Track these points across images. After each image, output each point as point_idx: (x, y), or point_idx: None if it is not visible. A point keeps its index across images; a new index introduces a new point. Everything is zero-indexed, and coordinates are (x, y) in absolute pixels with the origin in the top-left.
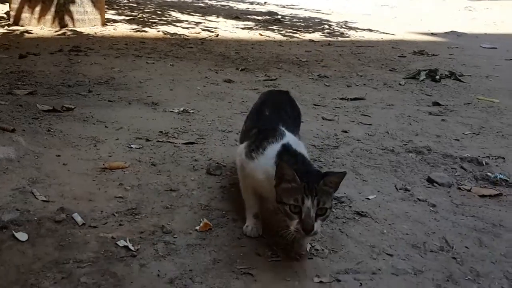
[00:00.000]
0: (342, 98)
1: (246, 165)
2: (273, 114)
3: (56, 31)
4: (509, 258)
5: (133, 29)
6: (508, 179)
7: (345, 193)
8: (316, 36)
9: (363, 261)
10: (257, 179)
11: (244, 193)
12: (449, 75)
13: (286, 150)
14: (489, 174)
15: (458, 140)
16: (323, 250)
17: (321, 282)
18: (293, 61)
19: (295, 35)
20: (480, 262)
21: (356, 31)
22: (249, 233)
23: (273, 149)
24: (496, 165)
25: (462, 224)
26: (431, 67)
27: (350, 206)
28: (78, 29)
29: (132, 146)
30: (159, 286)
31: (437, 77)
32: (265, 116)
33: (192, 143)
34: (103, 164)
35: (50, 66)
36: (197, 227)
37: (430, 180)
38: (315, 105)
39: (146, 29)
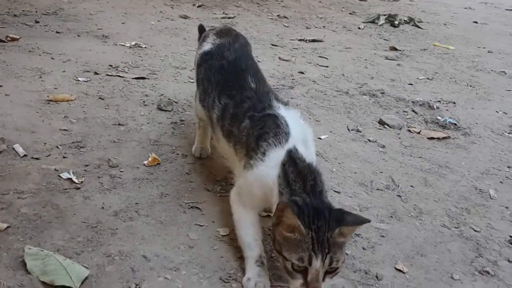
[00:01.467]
0: (300, 40)
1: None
2: (258, 82)
3: None
4: (452, 197)
5: None
6: (457, 123)
7: None
8: None
9: None
10: (256, 194)
11: (238, 230)
12: (408, 21)
13: (293, 161)
14: (439, 117)
15: (411, 84)
16: None
17: (268, 215)
18: (253, 0)
19: None
20: (424, 200)
21: None
22: None
23: (276, 155)
24: (447, 110)
25: (409, 165)
26: (391, 12)
27: None
28: None
29: (79, 79)
30: (103, 218)
31: (396, 22)
32: (250, 89)
33: (143, 78)
34: (48, 96)
35: None
36: (145, 162)
37: (381, 122)
38: (272, 45)
39: None
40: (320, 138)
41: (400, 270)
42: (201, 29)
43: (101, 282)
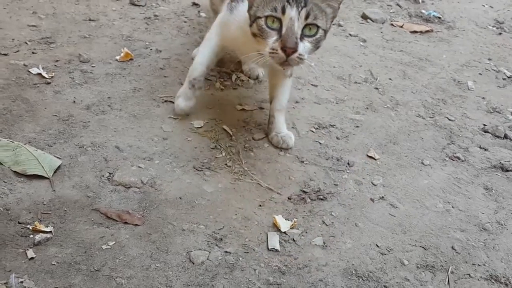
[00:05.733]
0: None
1: (224, 19)
2: None
3: None
4: (430, 89)
5: None
6: (441, 17)
7: None
8: None
9: None
10: (232, 32)
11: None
12: None
13: None
14: (423, 11)
15: None
16: (248, 81)
17: (243, 110)
18: None
19: None
20: (401, 92)
21: None
22: (176, 108)
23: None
24: (432, 3)
25: (390, 58)
26: None
27: None
28: None
29: None
30: (74, 112)
31: None
32: None
33: None
34: None
35: None
36: (117, 57)
37: (364, 16)
38: None
39: None
40: None
41: (371, 157)
42: None
43: (74, 171)
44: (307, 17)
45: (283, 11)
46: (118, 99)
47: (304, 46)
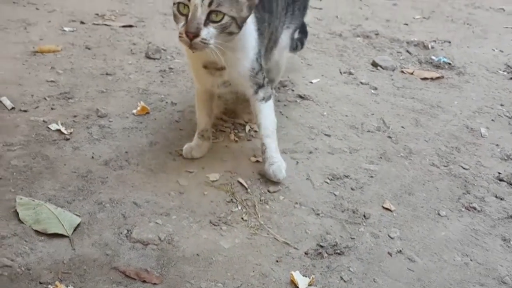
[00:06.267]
0: None
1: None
2: None
3: None
4: (443, 136)
5: None
6: (451, 63)
7: (288, 77)
8: None
9: (301, 141)
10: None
11: None
12: None
13: None
14: (433, 57)
15: (407, 24)
16: None
17: (257, 161)
18: None
19: None
20: (414, 140)
21: None
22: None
23: None
24: (442, 49)
25: (401, 106)
26: None
27: (293, 90)
28: None
29: (65, 29)
30: (93, 168)
31: None
32: None
33: (130, 26)
34: (34, 48)
35: None
36: (134, 111)
37: (374, 64)
38: None
39: None
40: (311, 82)
41: (387, 209)
42: None
43: (93, 229)
44: (210, 4)
45: None
46: (135, 154)
47: (208, 31)
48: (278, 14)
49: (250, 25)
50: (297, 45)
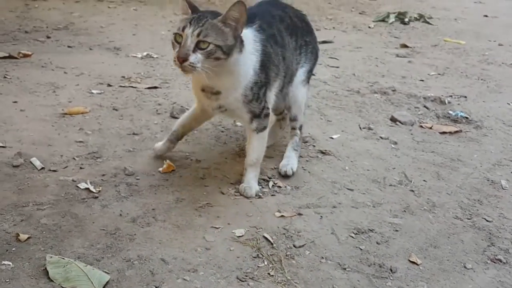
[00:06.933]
0: None
1: None
2: None
3: None
4: (464, 189)
5: None
6: (468, 117)
7: (309, 133)
8: None
9: (324, 196)
10: None
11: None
12: (418, 17)
13: None
14: (451, 112)
15: (423, 80)
16: (285, 187)
17: (282, 216)
18: None
19: None
20: (437, 194)
21: None
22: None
23: None
24: (458, 104)
25: (422, 160)
26: (401, 10)
27: (314, 146)
28: None
29: (93, 91)
30: (121, 225)
31: (406, 19)
32: None
33: (155, 87)
34: (63, 110)
35: (5, 12)
36: (160, 169)
37: (393, 119)
38: None
39: None
40: (332, 138)
41: (414, 262)
42: None
43: (122, 286)
44: (198, 34)
45: (183, 30)
46: (162, 210)
47: (195, 57)
48: (291, 51)
49: (249, 54)
50: None
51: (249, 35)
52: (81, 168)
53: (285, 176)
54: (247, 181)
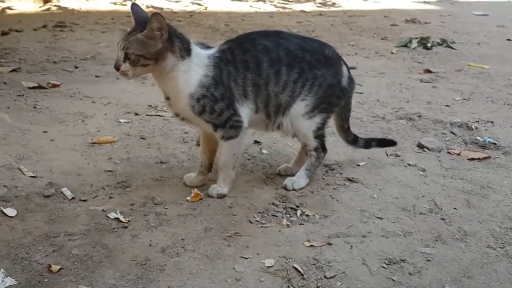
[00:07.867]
0: None
1: None
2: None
3: (40, 7)
4: (496, 217)
5: (119, 3)
6: (496, 142)
7: (336, 161)
8: (308, 6)
9: (354, 224)
10: None
11: None
12: (441, 42)
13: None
14: (478, 138)
15: (448, 106)
16: (314, 215)
17: (312, 246)
18: None
19: (286, 6)
20: (468, 222)
21: (348, 0)
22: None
23: None
24: (485, 129)
25: (451, 187)
26: (423, 35)
27: (341, 173)
28: (62, 4)
29: (120, 120)
30: (151, 255)
31: (429, 44)
32: None
33: None
34: (92, 139)
35: (34, 43)
36: (188, 198)
37: (420, 146)
38: None
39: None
40: (359, 165)
41: None
42: None
43: None
44: (123, 47)
45: (118, 44)
46: (191, 240)
47: (125, 66)
48: (281, 82)
49: (194, 65)
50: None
51: (202, 52)
52: (110, 197)
53: (284, 189)
54: (218, 184)
